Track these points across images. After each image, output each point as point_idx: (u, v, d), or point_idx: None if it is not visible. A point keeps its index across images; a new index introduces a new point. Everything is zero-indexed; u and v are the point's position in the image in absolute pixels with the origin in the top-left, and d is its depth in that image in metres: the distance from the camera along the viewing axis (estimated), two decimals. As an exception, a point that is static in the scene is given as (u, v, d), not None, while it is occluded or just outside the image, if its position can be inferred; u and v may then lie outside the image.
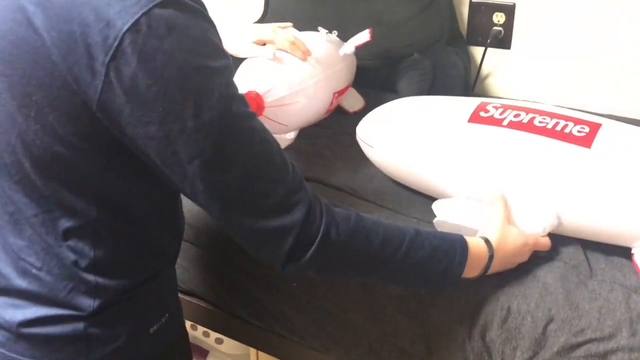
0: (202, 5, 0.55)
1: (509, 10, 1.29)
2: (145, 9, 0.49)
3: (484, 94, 1.39)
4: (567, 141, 0.74)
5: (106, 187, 0.60)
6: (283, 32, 0.98)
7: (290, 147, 1.06)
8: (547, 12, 1.25)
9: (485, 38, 1.31)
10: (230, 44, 0.94)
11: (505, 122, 0.77)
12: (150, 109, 0.52)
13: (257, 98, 0.87)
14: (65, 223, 0.61)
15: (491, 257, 0.71)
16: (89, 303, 0.63)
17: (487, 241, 0.72)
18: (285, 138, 1.05)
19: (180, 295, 0.96)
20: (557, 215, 0.77)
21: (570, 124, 0.75)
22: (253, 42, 0.96)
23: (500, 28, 1.30)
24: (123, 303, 0.65)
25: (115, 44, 0.49)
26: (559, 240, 0.83)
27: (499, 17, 1.30)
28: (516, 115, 0.77)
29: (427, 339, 0.77)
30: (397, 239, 0.64)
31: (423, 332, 0.77)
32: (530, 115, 0.76)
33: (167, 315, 0.71)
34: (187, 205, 0.96)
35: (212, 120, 0.53)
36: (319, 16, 1.35)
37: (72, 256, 0.62)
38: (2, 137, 0.59)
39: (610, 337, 0.69)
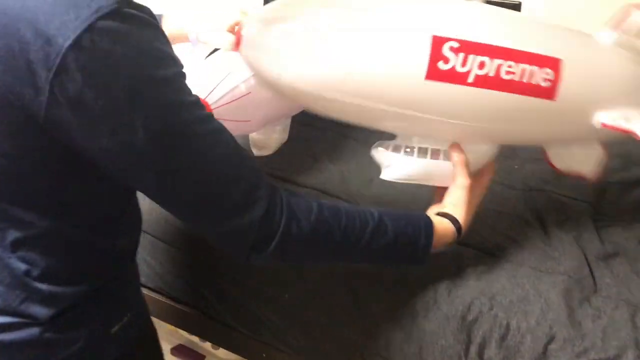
0: (148, 12, 0.52)
1: (514, 9, 1.25)
2: (86, 24, 0.47)
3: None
4: (534, 95, 0.69)
5: (57, 196, 0.58)
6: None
7: (285, 150, 1.03)
8: (554, 11, 1.22)
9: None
10: (207, 37, 0.89)
11: (470, 79, 0.66)
12: (98, 123, 0.50)
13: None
14: (13, 234, 0.59)
15: (459, 232, 0.71)
16: (44, 312, 0.61)
17: (454, 220, 0.71)
18: (275, 137, 1.01)
19: (170, 302, 0.95)
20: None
21: (535, 69, 0.68)
22: (227, 31, 0.90)
23: (505, 27, 1.26)
24: (80, 307, 0.63)
25: (58, 61, 0.47)
26: (562, 251, 0.80)
27: (504, 16, 1.26)
28: (481, 65, 0.66)
29: (421, 355, 0.74)
30: (359, 228, 0.64)
31: (417, 348, 0.74)
32: (496, 62, 0.67)
33: (128, 314, 0.69)
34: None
35: (163, 131, 0.52)
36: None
37: (23, 266, 0.60)
38: None
39: (615, 358, 0.65)
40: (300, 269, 0.84)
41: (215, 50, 0.99)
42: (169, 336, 1.24)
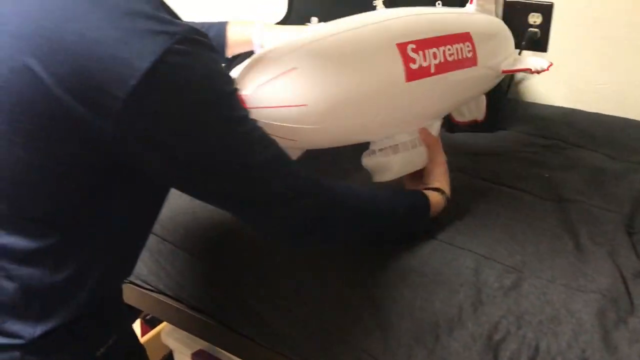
0: (206, 36, 0.57)
1: (546, 11, 1.21)
2: (164, 47, 0.51)
3: (517, 98, 1.32)
4: (467, 66, 0.86)
5: (81, 212, 0.59)
6: None
7: (309, 157, 1.01)
8: (587, 12, 1.17)
9: (520, 40, 1.23)
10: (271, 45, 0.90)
11: (432, 69, 0.80)
12: (169, 137, 0.54)
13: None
14: (24, 245, 0.58)
15: (447, 200, 0.85)
16: (29, 331, 0.60)
17: (442, 192, 0.84)
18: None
19: (188, 310, 0.94)
20: None
21: (462, 45, 0.85)
22: None
23: (536, 29, 1.23)
24: (65, 329, 0.62)
25: (133, 83, 0.50)
26: (596, 267, 0.76)
27: (535, 18, 1.22)
28: (435, 56, 0.80)
29: (446, 375, 0.71)
30: (382, 205, 0.76)
31: (441, 367, 0.71)
32: (442, 49, 0.81)
33: (114, 336, 0.68)
34: (199, 219, 0.94)
35: (226, 140, 0.58)
36: (345, 16, 1.29)
37: (19, 282, 0.59)
38: None
39: (653, 386, 0.61)
40: (321, 280, 0.82)
41: (246, 56, 0.97)
42: (189, 341, 1.24)
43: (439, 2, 1.05)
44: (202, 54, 0.55)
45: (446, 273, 0.77)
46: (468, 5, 0.99)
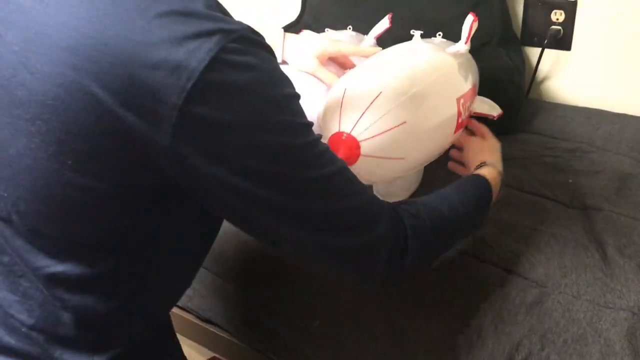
0: (262, 36, 0.53)
1: (570, 8, 1.16)
2: (218, 47, 0.47)
3: (539, 99, 1.27)
4: (469, 115, 0.89)
5: (134, 236, 0.56)
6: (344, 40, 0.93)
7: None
8: (611, 9, 1.12)
9: (542, 38, 1.19)
10: (292, 58, 0.86)
11: (461, 119, 0.81)
12: (226, 143, 0.49)
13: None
14: (77, 271, 0.55)
15: (502, 176, 0.80)
16: None
17: (493, 165, 0.80)
18: None
19: (199, 322, 0.92)
20: None
21: (472, 99, 0.87)
22: (315, 56, 0.84)
23: (559, 27, 1.18)
24: (121, 358, 0.60)
25: (189, 85, 0.46)
26: (625, 282, 0.72)
27: (557, 15, 1.17)
28: (465, 111, 0.83)
29: (465, 396, 0.68)
30: (453, 207, 0.67)
31: (460, 388, 0.68)
32: (468, 103, 0.84)
33: None
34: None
35: (285, 154, 0.52)
36: (358, 16, 1.27)
37: (74, 312, 0.56)
38: (12, 184, 0.53)
39: (689, 414, 0.57)
40: (334, 295, 0.79)
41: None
42: (202, 348, 1.22)
43: (440, 33, 1.01)
44: (259, 54, 0.50)
45: (465, 288, 0.73)
46: (463, 44, 0.88)
